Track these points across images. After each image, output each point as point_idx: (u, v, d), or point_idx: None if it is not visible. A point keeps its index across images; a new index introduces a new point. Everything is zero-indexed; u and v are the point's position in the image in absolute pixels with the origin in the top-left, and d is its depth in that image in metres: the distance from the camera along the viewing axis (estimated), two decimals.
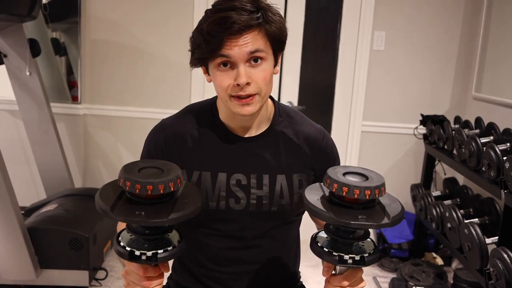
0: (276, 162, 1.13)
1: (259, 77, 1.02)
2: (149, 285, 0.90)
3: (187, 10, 2.93)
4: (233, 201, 1.11)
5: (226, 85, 1.02)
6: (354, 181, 0.84)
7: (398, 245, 2.91)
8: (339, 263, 0.88)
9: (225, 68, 1.01)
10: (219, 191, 1.11)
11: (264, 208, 1.12)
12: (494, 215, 2.19)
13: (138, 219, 0.81)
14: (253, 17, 0.99)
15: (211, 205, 1.11)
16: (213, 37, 0.98)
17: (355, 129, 3.12)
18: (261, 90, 1.03)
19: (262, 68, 1.02)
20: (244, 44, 0.99)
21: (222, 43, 0.98)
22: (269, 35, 1.02)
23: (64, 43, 3.06)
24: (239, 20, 0.97)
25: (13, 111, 2.91)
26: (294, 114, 1.21)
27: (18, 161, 3.00)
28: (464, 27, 3.00)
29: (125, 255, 0.86)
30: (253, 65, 1.02)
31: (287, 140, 1.16)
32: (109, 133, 3.07)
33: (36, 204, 2.61)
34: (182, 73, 3.00)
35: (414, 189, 2.94)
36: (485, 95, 2.79)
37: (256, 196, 1.11)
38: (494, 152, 1.94)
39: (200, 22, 1.03)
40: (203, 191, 1.10)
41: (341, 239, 0.89)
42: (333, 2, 3.04)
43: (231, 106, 1.05)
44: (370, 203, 0.87)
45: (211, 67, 1.04)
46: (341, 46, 3.06)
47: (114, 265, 2.64)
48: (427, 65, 3.06)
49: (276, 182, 1.12)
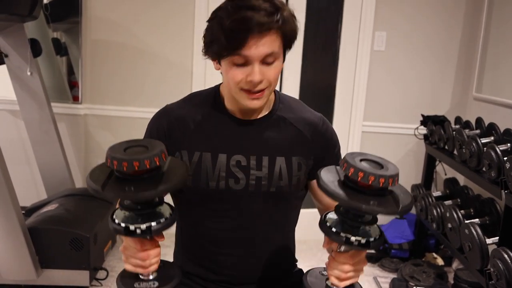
0: (275, 145, 1.17)
1: (271, 74, 1.08)
2: (147, 257, 0.96)
3: (188, 10, 2.93)
4: (232, 182, 1.15)
5: (239, 79, 1.06)
6: (370, 168, 0.87)
7: (399, 245, 2.91)
8: (345, 244, 0.92)
9: (239, 66, 1.06)
10: (219, 171, 1.14)
11: (263, 188, 1.15)
12: (495, 216, 2.19)
13: (128, 195, 0.85)
14: (273, 19, 1.03)
15: (211, 185, 1.14)
16: (236, 36, 1.01)
17: (356, 129, 3.12)
18: (270, 85, 1.10)
19: (274, 66, 1.08)
20: (262, 46, 1.03)
21: (243, 42, 1.02)
22: (284, 35, 1.07)
23: (65, 43, 3.07)
24: (261, 22, 1.01)
25: (14, 111, 2.91)
26: (294, 102, 1.26)
27: (19, 161, 3.00)
28: (464, 27, 3.00)
29: (121, 231, 0.90)
30: (266, 63, 1.07)
31: (287, 124, 1.20)
32: (110, 133, 3.07)
33: (36, 204, 2.61)
34: (182, 73, 3.00)
35: (414, 190, 2.94)
36: (486, 95, 2.79)
37: (255, 177, 1.15)
38: (494, 153, 1.94)
39: (219, 14, 1.05)
40: (203, 171, 1.14)
41: (350, 222, 0.92)
42: (333, 2, 3.04)
43: (240, 98, 1.10)
44: (383, 190, 0.89)
45: (225, 61, 1.07)
46: (342, 46, 3.06)
47: (115, 265, 2.64)
48: (427, 66, 3.06)
49: (275, 164, 1.16)
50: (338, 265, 0.98)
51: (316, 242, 1.06)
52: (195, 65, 2.97)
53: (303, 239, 2.30)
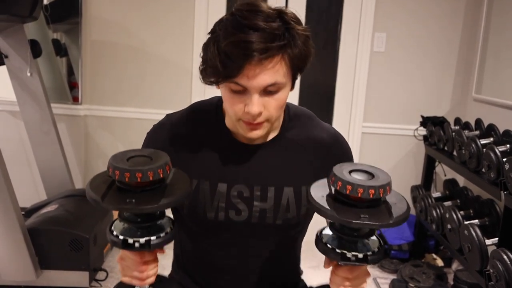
0: (283, 173, 1.05)
1: (272, 105, 0.95)
2: (145, 269, 0.91)
3: (188, 12, 2.93)
4: (233, 213, 1.04)
5: (237, 109, 0.95)
6: (359, 180, 0.83)
7: (399, 246, 2.91)
8: (342, 261, 0.87)
9: (238, 92, 0.94)
10: (218, 202, 1.04)
11: (267, 220, 1.04)
12: (494, 217, 2.19)
13: (129, 207, 0.82)
14: (278, 43, 0.88)
15: (209, 216, 1.04)
16: (232, 62, 0.88)
17: (356, 130, 3.12)
18: (271, 117, 0.97)
19: (277, 97, 0.95)
20: (262, 75, 0.89)
21: (240, 70, 0.89)
22: (292, 59, 0.93)
23: (65, 44, 3.07)
24: (261, 48, 0.86)
25: (14, 112, 2.91)
26: (305, 119, 1.12)
27: (19, 161, 3.00)
28: (464, 28, 3.00)
29: (119, 244, 0.86)
30: (268, 94, 0.94)
31: (297, 148, 1.07)
32: (110, 133, 3.07)
33: (36, 205, 2.61)
34: (183, 73, 3.00)
35: (414, 190, 2.94)
36: (485, 96, 2.79)
37: (259, 209, 1.04)
38: (494, 154, 1.94)
39: (216, 31, 0.93)
40: (201, 201, 1.04)
41: (346, 237, 0.89)
42: (333, 3, 3.05)
43: (239, 128, 0.99)
44: (375, 202, 0.85)
45: (222, 85, 0.97)
46: (342, 47, 3.07)
47: (115, 266, 2.64)
48: (427, 67, 3.06)
49: (282, 195, 1.04)
50: (338, 280, 0.93)
51: None
52: (195, 65, 2.97)
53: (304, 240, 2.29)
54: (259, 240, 1.08)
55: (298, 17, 0.94)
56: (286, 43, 0.90)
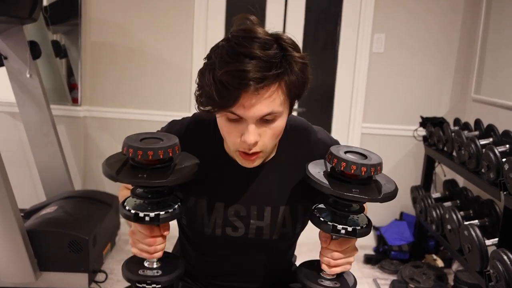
0: (280, 193, 1.06)
1: (268, 134, 0.94)
2: (153, 242, 0.97)
3: (187, 13, 2.93)
4: (230, 230, 1.07)
5: (233, 139, 0.95)
6: (353, 158, 0.91)
7: (399, 247, 2.91)
8: (332, 232, 0.95)
9: (234, 121, 0.93)
10: (215, 219, 1.06)
11: (264, 237, 1.07)
12: (494, 217, 2.19)
13: (140, 181, 0.90)
14: (274, 72, 0.87)
15: (206, 231, 1.07)
16: (227, 91, 0.87)
17: (355, 131, 3.12)
18: (266, 147, 0.97)
19: (274, 126, 0.94)
20: (258, 105, 0.89)
21: (236, 100, 0.88)
22: (289, 87, 0.92)
23: (65, 45, 3.07)
24: (257, 77, 0.85)
25: (13, 113, 2.91)
26: (302, 134, 1.10)
27: (18, 163, 3.00)
28: (463, 28, 3.00)
29: (131, 217, 0.95)
30: (264, 123, 0.93)
31: (294, 167, 1.06)
32: (109, 135, 3.07)
33: (35, 207, 2.60)
34: (182, 75, 3.00)
35: (414, 191, 2.94)
36: (485, 97, 2.79)
37: (256, 226, 1.06)
38: (493, 154, 1.94)
39: (213, 58, 0.91)
40: (199, 218, 1.06)
41: (338, 212, 0.97)
42: (333, 4, 3.05)
43: (235, 157, 1.00)
44: (366, 179, 0.94)
45: (219, 116, 0.96)
46: (341, 48, 3.07)
47: (114, 267, 2.64)
48: (426, 67, 3.06)
49: (279, 214, 1.06)
50: (328, 252, 0.99)
51: (317, 244, 1.06)
52: (195, 67, 2.97)
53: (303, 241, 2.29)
54: (256, 252, 1.13)
55: (295, 43, 0.94)
56: (283, 71, 0.89)
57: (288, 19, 2.99)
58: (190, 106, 2.96)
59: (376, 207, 3.22)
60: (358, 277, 2.51)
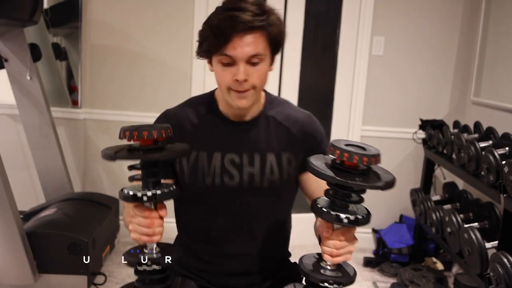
0: (266, 142, 1.26)
1: (256, 75, 1.16)
2: (151, 224, 1.02)
3: (187, 16, 2.94)
4: (227, 178, 1.23)
5: (227, 79, 1.16)
6: (354, 149, 0.96)
7: (398, 250, 2.91)
8: (335, 221, 0.99)
9: (227, 65, 1.15)
10: (214, 168, 1.23)
11: (256, 184, 1.24)
12: (494, 220, 2.19)
13: (137, 156, 0.98)
14: (258, 19, 1.11)
15: (207, 181, 1.23)
16: (222, 32, 1.11)
17: (355, 134, 3.12)
18: (255, 86, 1.18)
19: (259, 68, 1.16)
20: (246, 46, 1.12)
21: (228, 39, 1.11)
22: (270, 37, 1.15)
23: (65, 47, 3.07)
24: (246, 20, 1.09)
25: (13, 115, 2.91)
26: (283, 102, 1.34)
27: (18, 165, 3.00)
28: (462, 31, 3.01)
29: (129, 198, 1.00)
30: (251, 64, 1.15)
31: (277, 123, 1.28)
32: (109, 137, 3.07)
33: (35, 209, 2.60)
34: (182, 77, 3.00)
35: (413, 194, 2.94)
36: (484, 99, 2.79)
37: (248, 173, 1.24)
38: (493, 157, 1.94)
39: (209, 17, 1.16)
40: (200, 169, 1.24)
41: (339, 202, 1.01)
42: (332, 7, 3.06)
43: (229, 98, 1.19)
44: (367, 170, 0.99)
45: (214, 61, 1.17)
46: (340, 51, 3.07)
47: (113, 270, 2.64)
48: (426, 70, 3.07)
49: (266, 161, 1.25)
50: (330, 242, 1.03)
51: (315, 246, 1.07)
52: (194, 69, 2.98)
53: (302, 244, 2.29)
54: (251, 205, 1.26)
55: (272, 8, 1.17)
56: (265, 23, 1.13)
57: (288, 22, 3.00)
58: (191, 90, 2.98)
59: (376, 210, 3.21)
60: (358, 280, 2.50)
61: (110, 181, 3.12)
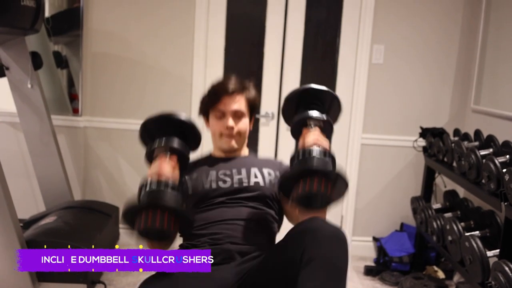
0: (250, 163, 1.69)
1: (240, 125, 1.67)
2: (163, 166, 1.40)
3: (188, 24, 2.95)
4: (221, 182, 1.61)
5: (219, 128, 1.66)
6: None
7: (399, 258, 2.90)
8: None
9: (220, 119, 1.66)
10: (210, 178, 1.63)
11: (244, 184, 1.61)
12: (495, 228, 2.18)
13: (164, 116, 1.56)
14: (240, 87, 1.66)
15: (205, 186, 1.60)
16: (215, 94, 1.66)
17: (355, 142, 3.12)
18: (240, 132, 1.67)
19: (242, 121, 1.67)
20: (233, 103, 1.64)
21: (220, 98, 1.64)
22: (249, 100, 1.68)
23: (66, 56, 3.08)
24: (232, 87, 1.65)
25: (14, 123, 2.92)
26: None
27: (18, 173, 2.99)
28: (462, 39, 3.02)
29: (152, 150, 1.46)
30: (237, 117, 1.66)
31: (258, 160, 1.75)
32: (109, 145, 3.07)
33: (35, 217, 2.59)
34: (182, 86, 3.01)
35: (414, 202, 2.93)
36: (484, 107, 2.80)
37: (237, 178, 1.62)
38: (493, 165, 1.94)
39: (207, 90, 1.71)
40: (200, 180, 1.62)
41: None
42: (332, 15, 3.07)
43: (222, 142, 1.68)
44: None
45: (211, 116, 1.69)
46: (340, 59, 3.08)
47: (113, 278, 2.62)
48: (425, 78, 3.07)
49: (251, 171, 1.65)
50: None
51: None
52: (195, 77, 2.99)
53: None
54: (240, 201, 1.57)
55: (250, 83, 1.71)
56: (245, 90, 1.67)
57: (288, 30, 3.01)
58: (191, 111, 2.98)
59: (376, 218, 3.22)
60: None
61: (110, 189, 3.11)
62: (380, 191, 3.19)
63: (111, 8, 2.95)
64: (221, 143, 1.66)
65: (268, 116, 3.08)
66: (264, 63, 3.05)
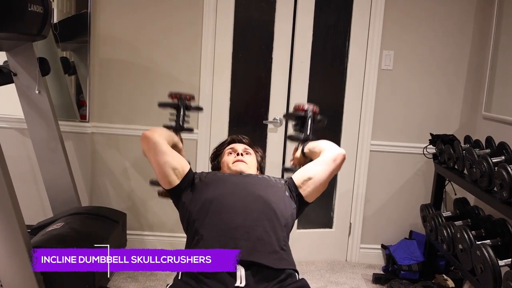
0: (256, 175, 1.89)
1: (247, 157, 1.95)
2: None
3: (196, 30, 2.95)
4: (229, 181, 1.79)
5: (230, 159, 1.93)
6: None
7: (408, 267, 2.86)
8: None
9: (230, 154, 1.96)
10: (219, 178, 1.81)
11: (249, 175, 1.85)
12: (507, 236, 2.14)
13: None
14: (251, 143, 2.05)
15: (215, 184, 1.77)
16: (230, 140, 2.06)
17: (364, 148, 3.10)
18: (246, 162, 1.92)
19: (250, 156, 1.97)
20: (242, 145, 2.00)
21: (232, 143, 2.03)
22: (257, 159, 2.01)
23: (74, 62, 3.09)
24: (244, 140, 2.05)
25: (21, 129, 2.92)
26: None
27: (26, 179, 3.00)
28: (473, 45, 2.99)
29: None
30: (245, 154, 1.96)
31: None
32: (117, 151, 3.07)
33: (42, 223, 2.59)
34: (190, 91, 2.95)
35: (424, 210, 2.89)
36: (495, 114, 2.76)
37: (243, 175, 1.86)
38: (506, 172, 1.91)
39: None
40: (210, 180, 1.78)
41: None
42: (341, 20, 3.05)
43: (230, 170, 1.91)
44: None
45: (222, 157, 2.00)
46: (350, 65, 3.06)
47: (120, 284, 2.61)
48: (436, 84, 3.05)
49: (257, 179, 1.82)
50: None
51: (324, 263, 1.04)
52: (202, 83, 2.98)
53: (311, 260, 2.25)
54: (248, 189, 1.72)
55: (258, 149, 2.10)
56: (255, 148, 2.07)
57: (296, 36, 2.99)
58: (198, 122, 2.98)
59: (385, 225, 3.18)
60: None
61: (118, 196, 3.11)
62: (389, 198, 3.15)
63: (118, 14, 2.96)
64: (229, 170, 1.91)
65: (276, 122, 3.06)
66: (273, 68, 3.04)
